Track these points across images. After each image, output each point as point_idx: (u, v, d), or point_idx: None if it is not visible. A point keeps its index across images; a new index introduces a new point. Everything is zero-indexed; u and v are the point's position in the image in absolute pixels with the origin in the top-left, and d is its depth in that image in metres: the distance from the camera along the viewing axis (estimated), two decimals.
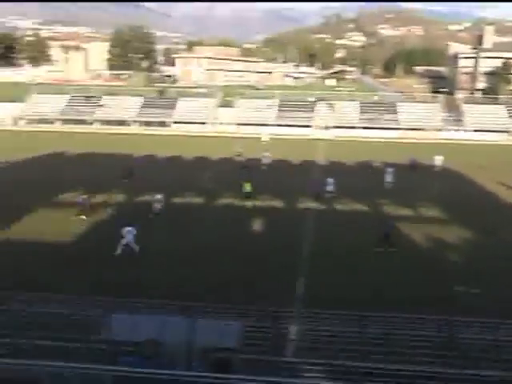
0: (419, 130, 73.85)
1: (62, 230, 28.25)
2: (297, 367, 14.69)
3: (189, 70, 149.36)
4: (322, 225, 30.70)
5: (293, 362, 15.41)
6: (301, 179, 42.60)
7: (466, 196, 38.82)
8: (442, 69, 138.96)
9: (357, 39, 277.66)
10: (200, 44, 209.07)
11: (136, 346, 14.12)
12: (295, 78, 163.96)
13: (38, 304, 14.10)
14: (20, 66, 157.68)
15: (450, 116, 76.52)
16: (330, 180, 36.99)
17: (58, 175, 42.66)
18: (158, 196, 32.25)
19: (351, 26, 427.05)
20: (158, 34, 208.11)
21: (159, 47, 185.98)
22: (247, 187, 35.87)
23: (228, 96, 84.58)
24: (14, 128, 77.62)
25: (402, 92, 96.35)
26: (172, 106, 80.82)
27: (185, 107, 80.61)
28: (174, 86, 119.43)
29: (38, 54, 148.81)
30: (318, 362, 14.67)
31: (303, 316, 16.60)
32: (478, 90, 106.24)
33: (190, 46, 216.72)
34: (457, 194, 39.15)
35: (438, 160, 48.31)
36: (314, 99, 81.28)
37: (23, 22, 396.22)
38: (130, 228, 24.72)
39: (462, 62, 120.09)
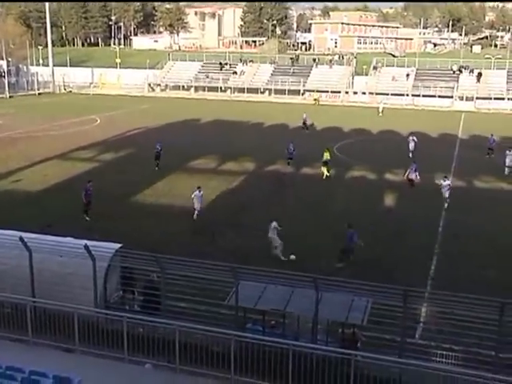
0: None
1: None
2: (424, 350, 14.07)
3: (324, 36, 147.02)
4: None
5: (420, 344, 14.82)
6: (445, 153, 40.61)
7: None
8: None
9: None
10: (336, 9, 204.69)
11: (262, 315, 14.24)
12: (437, 44, 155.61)
13: (171, 265, 14.58)
14: (158, 33, 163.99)
15: None
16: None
17: (191, 141, 44.08)
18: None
19: None
20: None
21: (294, 13, 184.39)
22: (326, 155, 34.12)
23: (364, 64, 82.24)
24: (151, 94, 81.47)
25: None
26: (306, 74, 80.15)
27: (319, 75, 79.62)
28: (309, 53, 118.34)
29: (176, 21, 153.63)
30: (447, 346, 13.94)
31: (435, 298, 15.79)
32: None
33: (326, 11, 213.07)
34: None
35: None
36: (456, 68, 76.57)
37: None
38: None
39: None
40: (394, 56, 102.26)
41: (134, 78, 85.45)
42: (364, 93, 74.55)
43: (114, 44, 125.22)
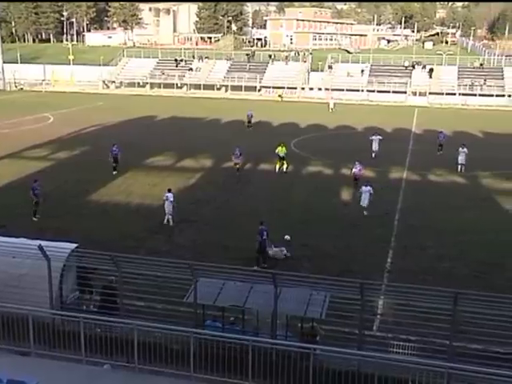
0: None
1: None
2: (381, 341, 14.31)
3: (279, 32, 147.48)
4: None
5: (378, 336, 15.07)
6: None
7: None
8: None
9: None
10: (291, 6, 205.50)
11: (221, 311, 14.22)
12: (390, 41, 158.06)
13: (128, 264, 14.41)
14: (112, 29, 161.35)
15: None
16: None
17: (148, 138, 43.64)
18: None
19: None
20: None
21: (249, 9, 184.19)
22: (282, 150, 34.25)
23: (319, 60, 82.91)
24: (105, 91, 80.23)
25: (509, 55, 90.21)
26: (262, 71, 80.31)
27: (275, 71, 79.86)
28: (264, 49, 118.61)
29: (130, 17, 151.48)
30: (404, 337, 14.22)
31: (391, 290, 16.09)
32: None
33: (281, 7, 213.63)
34: None
35: None
36: (409, 64, 77.99)
37: None
38: None
39: None
40: (348, 52, 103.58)
41: (87, 75, 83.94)
42: (320, 89, 75.20)
43: (67, 40, 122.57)
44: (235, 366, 11.90)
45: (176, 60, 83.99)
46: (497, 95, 70.00)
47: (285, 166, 33.95)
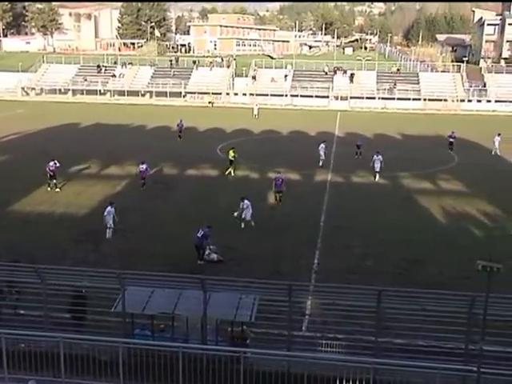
0: (441, 100, 72.52)
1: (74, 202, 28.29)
2: (310, 341, 14.62)
3: (203, 38, 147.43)
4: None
5: (307, 336, 15.38)
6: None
7: None
8: (465, 37, 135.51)
9: (376, 6, 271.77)
10: (214, 11, 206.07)
11: (150, 319, 14.09)
12: (312, 46, 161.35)
13: (53, 276, 14.04)
14: (30, 34, 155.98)
15: (473, 86, 74.60)
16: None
17: (72, 146, 42.55)
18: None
19: None
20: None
21: (172, 15, 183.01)
22: (232, 154, 35.15)
23: (243, 66, 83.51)
24: (25, 98, 77.57)
25: (423, 61, 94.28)
26: (187, 76, 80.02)
27: (200, 77, 79.78)
28: (188, 55, 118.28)
29: (49, 22, 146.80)
30: (331, 336, 14.58)
31: (318, 290, 16.46)
32: (503, 58, 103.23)
33: (204, 13, 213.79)
34: None
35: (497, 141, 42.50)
36: (330, 69, 79.92)
37: None
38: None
39: (487, 30, 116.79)
40: (272, 58, 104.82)
41: (5, 82, 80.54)
42: (245, 94, 75.76)
43: None
44: (165, 374, 11.83)
45: (99, 66, 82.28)
46: (413, 99, 72.93)
47: (229, 170, 34.78)
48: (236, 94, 76.47)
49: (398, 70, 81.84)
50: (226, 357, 12.25)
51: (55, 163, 30.58)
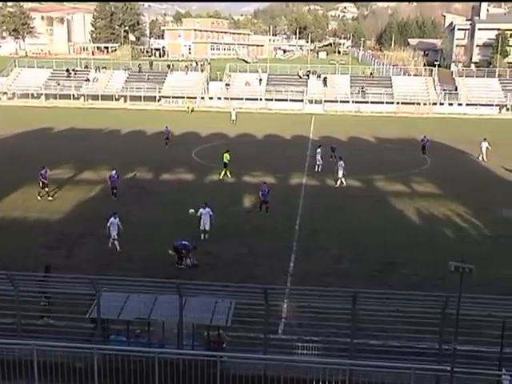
0: (413, 103, 73.48)
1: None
2: (286, 344, 14.66)
3: (177, 42, 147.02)
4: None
5: (283, 338, 15.42)
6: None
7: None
8: (436, 41, 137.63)
9: (349, 11, 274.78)
10: (188, 16, 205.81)
11: (126, 325, 14.00)
12: (286, 51, 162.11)
13: (26, 283, 13.86)
14: (1, 38, 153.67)
15: (444, 90, 75.79)
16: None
17: (45, 151, 42.05)
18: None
19: None
20: (145, 4, 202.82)
21: (146, 19, 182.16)
22: (226, 157, 35.14)
23: (218, 70, 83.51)
24: None
25: (396, 65, 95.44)
26: (161, 81, 79.70)
27: (174, 81, 79.52)
28: (163, 59, 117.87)
29: (21, 26, 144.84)
30: (307, 338, 14.65)
31: (294, 293, 16.55)
32: (474, 62, 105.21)
33: (179, 17, 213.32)
34: None
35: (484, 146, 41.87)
36: (304, 73, 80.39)
37: None
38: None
39: (457, 34, 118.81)
40: (246, 62, 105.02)
41: None
42: (219, 98, 75.76)
43: None
44: (141, 380, 11.79)
45: (68, 70, 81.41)
46: (387, 102, 73.75)
47: (222, 173, 34.67)
48: (211, 98, 76.42)
49: (372, 73, 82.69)
50: (203, 361, 12.24)
51: (46, 171, 29.96)
